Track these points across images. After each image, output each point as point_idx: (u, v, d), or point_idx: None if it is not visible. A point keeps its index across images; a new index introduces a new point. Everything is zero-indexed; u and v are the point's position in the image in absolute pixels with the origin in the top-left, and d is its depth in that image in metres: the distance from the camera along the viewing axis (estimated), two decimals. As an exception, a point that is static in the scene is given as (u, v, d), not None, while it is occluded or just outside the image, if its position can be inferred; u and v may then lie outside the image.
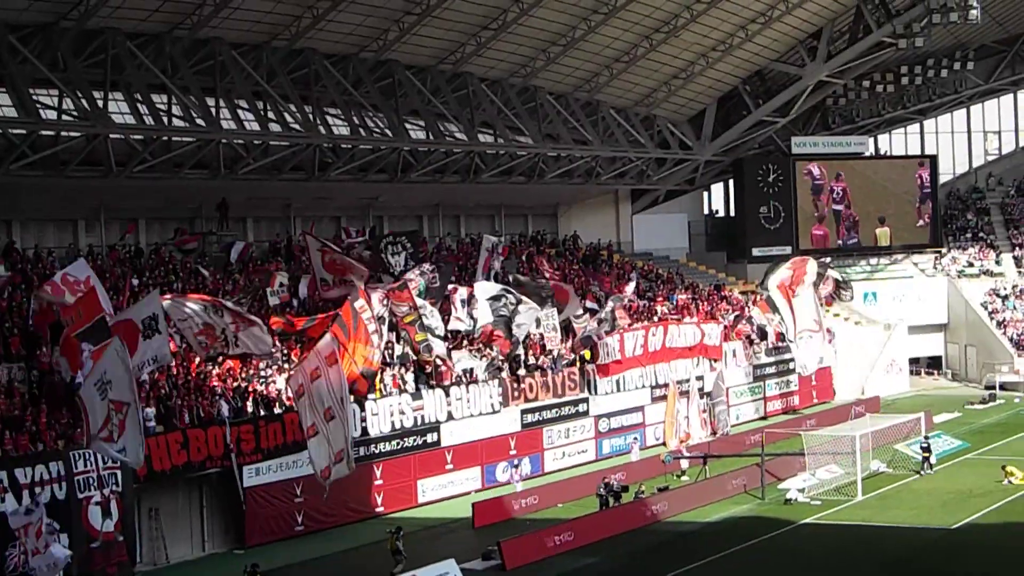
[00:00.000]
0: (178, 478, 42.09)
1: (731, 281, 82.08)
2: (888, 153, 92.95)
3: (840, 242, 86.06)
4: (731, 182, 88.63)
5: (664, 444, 60.14)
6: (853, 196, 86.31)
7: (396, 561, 39.77)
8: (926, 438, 54.04)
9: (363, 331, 44.57)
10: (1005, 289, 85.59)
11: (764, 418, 67.95)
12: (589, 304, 61.98)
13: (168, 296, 43.47)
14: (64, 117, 48.97)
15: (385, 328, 48.15)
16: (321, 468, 39.67)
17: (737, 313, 71.15)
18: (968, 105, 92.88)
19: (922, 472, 52.36)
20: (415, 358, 51.56)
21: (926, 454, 53.01)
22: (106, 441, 33.68)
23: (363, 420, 47.97)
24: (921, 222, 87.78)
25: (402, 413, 49.79)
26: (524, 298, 54.70)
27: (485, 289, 54.46)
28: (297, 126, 55.20)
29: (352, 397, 43.00)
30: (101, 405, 33.61)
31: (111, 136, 49.09)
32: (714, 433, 62.31)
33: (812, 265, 64.17)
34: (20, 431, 37.84)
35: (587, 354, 58.88)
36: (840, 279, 68.48)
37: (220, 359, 46.25)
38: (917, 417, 56.22)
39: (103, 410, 33.52)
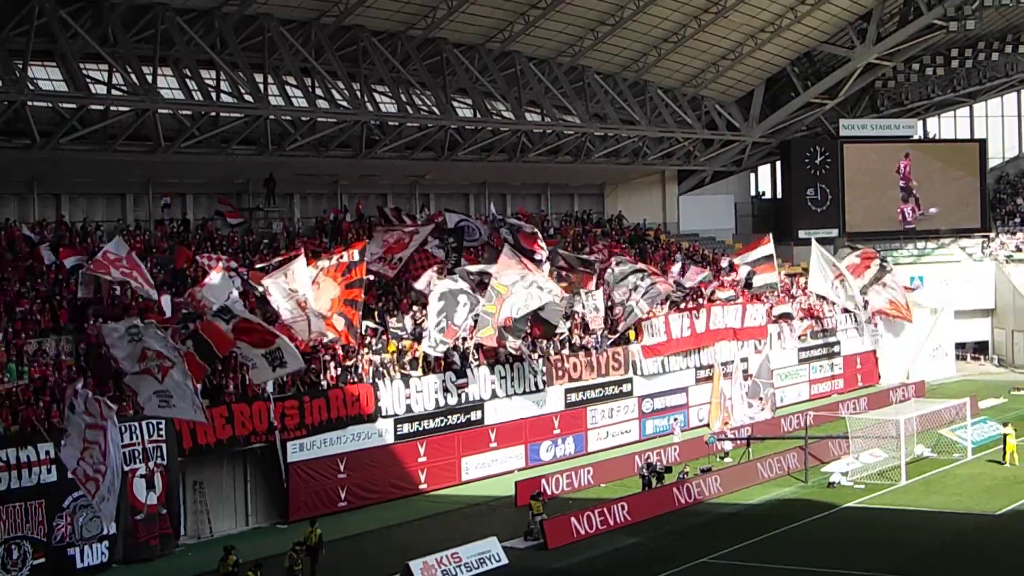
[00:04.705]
0: (223, 452, 42.38)
1: (777, 263, 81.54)
2: (937, 137, 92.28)
3: (903, 213, 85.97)
4: (778, 164, 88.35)
5: (708, 425, 60.05)
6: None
7: (533, 521, 41.06)
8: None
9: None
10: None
11: (809, 401, 67.66)
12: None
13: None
14: (113, 92, 49.18)
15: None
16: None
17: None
18: (1019, 89, 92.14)
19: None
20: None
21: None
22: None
23: (407, 397, 48.22)
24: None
25: (446, 391, 49.89)
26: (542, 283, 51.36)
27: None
28: (345, 103, 55.26)
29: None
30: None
31: (160, 111, 49.39)
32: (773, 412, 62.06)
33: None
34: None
35: (631, 334, 58.81)
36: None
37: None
38: (962, 402, 55.88)
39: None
